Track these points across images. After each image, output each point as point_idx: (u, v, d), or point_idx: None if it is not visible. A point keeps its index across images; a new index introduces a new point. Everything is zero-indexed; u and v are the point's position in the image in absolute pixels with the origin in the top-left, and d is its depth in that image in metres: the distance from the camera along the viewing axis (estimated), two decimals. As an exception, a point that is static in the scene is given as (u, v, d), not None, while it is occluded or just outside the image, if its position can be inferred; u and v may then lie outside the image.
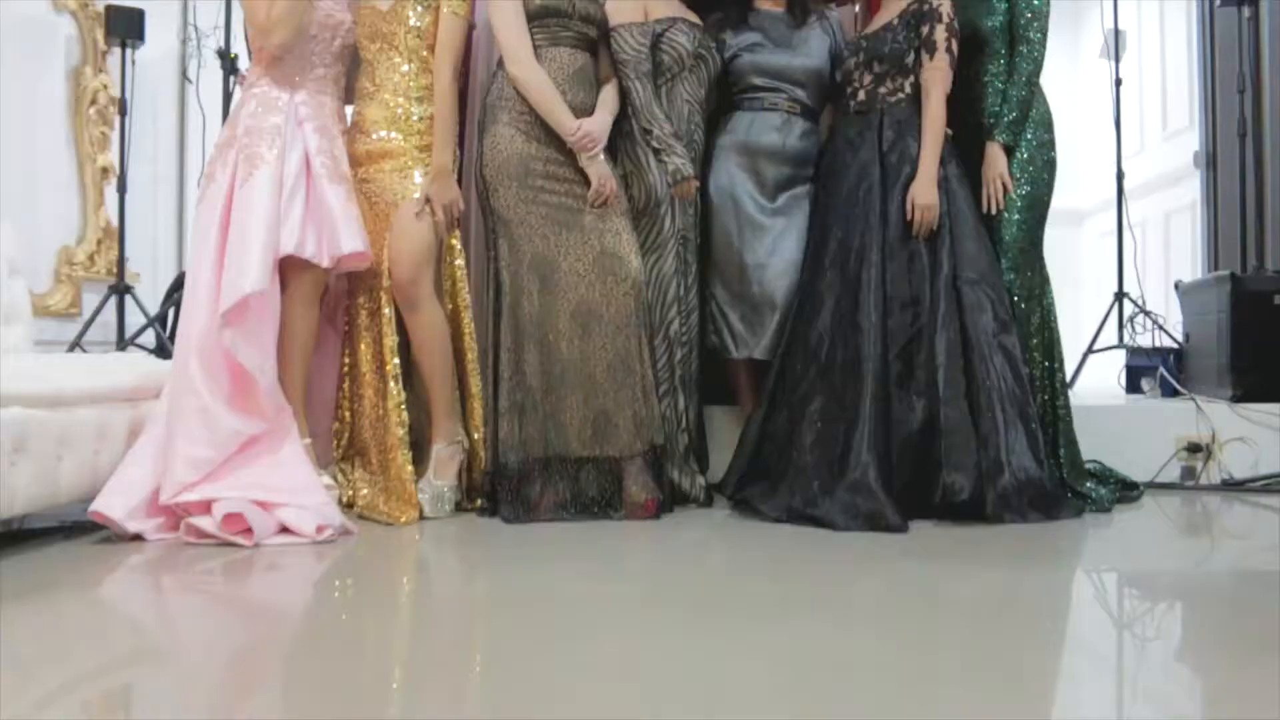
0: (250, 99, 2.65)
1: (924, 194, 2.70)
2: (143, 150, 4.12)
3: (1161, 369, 3.52)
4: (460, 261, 2.79)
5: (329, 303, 2.81)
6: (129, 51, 3.78)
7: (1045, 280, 2.86)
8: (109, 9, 3.77)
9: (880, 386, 2.58)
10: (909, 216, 2.71)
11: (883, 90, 2.84)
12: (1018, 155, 2.81)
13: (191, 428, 2.37)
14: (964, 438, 2.54)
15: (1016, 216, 2.80)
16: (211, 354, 2.43)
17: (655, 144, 2.76)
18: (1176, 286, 3.65)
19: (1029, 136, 2.82)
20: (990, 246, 2.76)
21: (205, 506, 2.33)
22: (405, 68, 2.73)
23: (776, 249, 2.87)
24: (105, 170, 3.91)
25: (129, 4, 3.83)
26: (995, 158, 2.81)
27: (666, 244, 2.82)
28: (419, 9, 2.71)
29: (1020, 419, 2.59)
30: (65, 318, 3.73)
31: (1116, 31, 4.01)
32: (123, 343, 3.65)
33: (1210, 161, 4.27)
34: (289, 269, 2.58)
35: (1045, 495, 2.57)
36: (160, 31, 4.02)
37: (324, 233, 2.60)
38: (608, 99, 2.80)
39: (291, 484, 2.42)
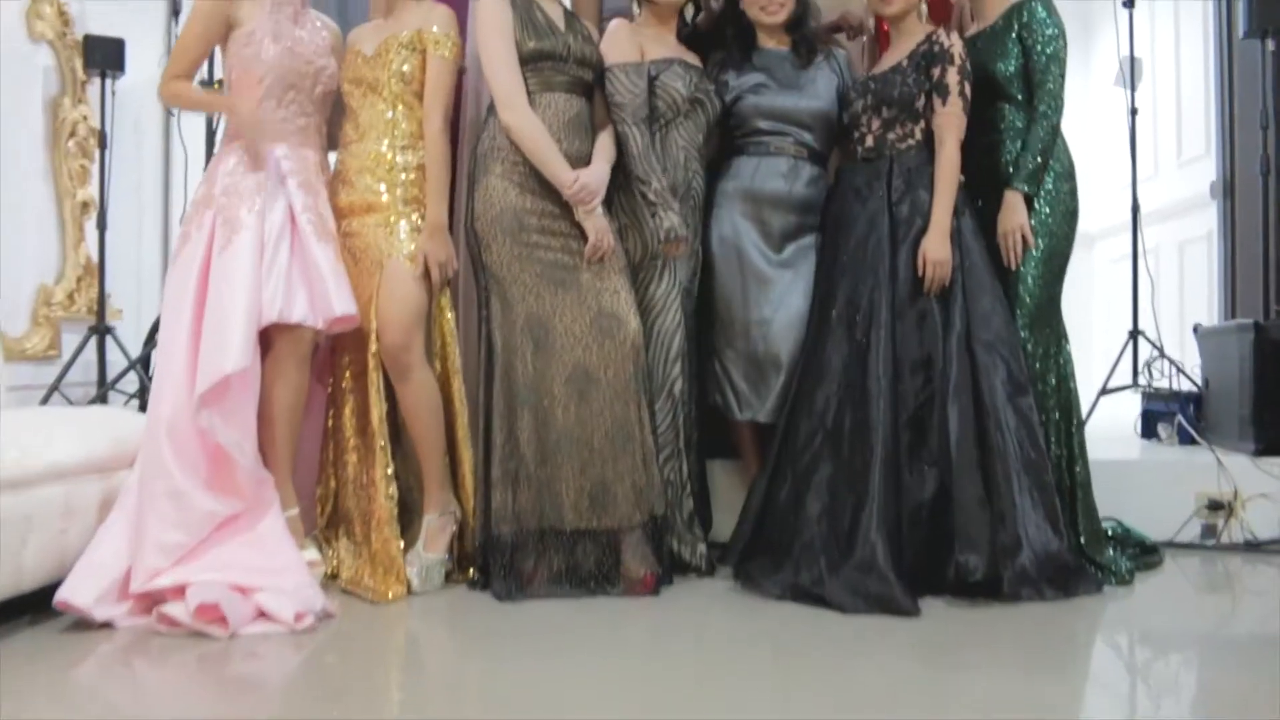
0: (229, 155, 2.52)
1: (936, 249, 2.57)
2: (125, 180, 3.97)
3: (1180, 417, 3.40)
4: (450, 315, 2.66)
5: (317, 359, 2.68)
6: (109, 82, 3.65)
7: (1062, 336, 2.72)
8: (87, 39, 3.64)
9: (890, 455, 2.45)
10: (920, 272, 2.58)
11: (892, 136, 2.71)
12: (1037, 206, 2.68)
13: (163, 510, 2.24)
14: (978, 513, 2.42)
15: (1034, 271, 2.67)
16: (186, 435, 2.31)
17: (652, 197, 2.62)
18: (1195, 330, 3.52)
19: (1049, 187, 2.68)
20: (1005, 302, 2.63)
21: (179, 591, 2.21)
22: (390, 114, 2.59)
23: (782, 303, 2.74)
24: (85, 204, 3.77)
25: (108, 33, 3.70)
26: (1015, 208, 2.66)
27: (668, 298, 2.68)
28: (405, 53, 2.57)
29: (1038, 488, 2.47)
30: (44, 361, 3.60)
31: (1132, 59, 3.87)
32: (103, 386, 3.53)
33: (1227, 192, 4.13)
34: (275, 331, 2.44)
35: (1064, 570, 2.44)
36: (143, 55, 3.88)
37: (315, 293, 2.46)
38: (604, 146, 2.66)
39: (270, 563, 2.30)
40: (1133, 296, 3.86)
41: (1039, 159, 2.66)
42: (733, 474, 3.00)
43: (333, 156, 2.71)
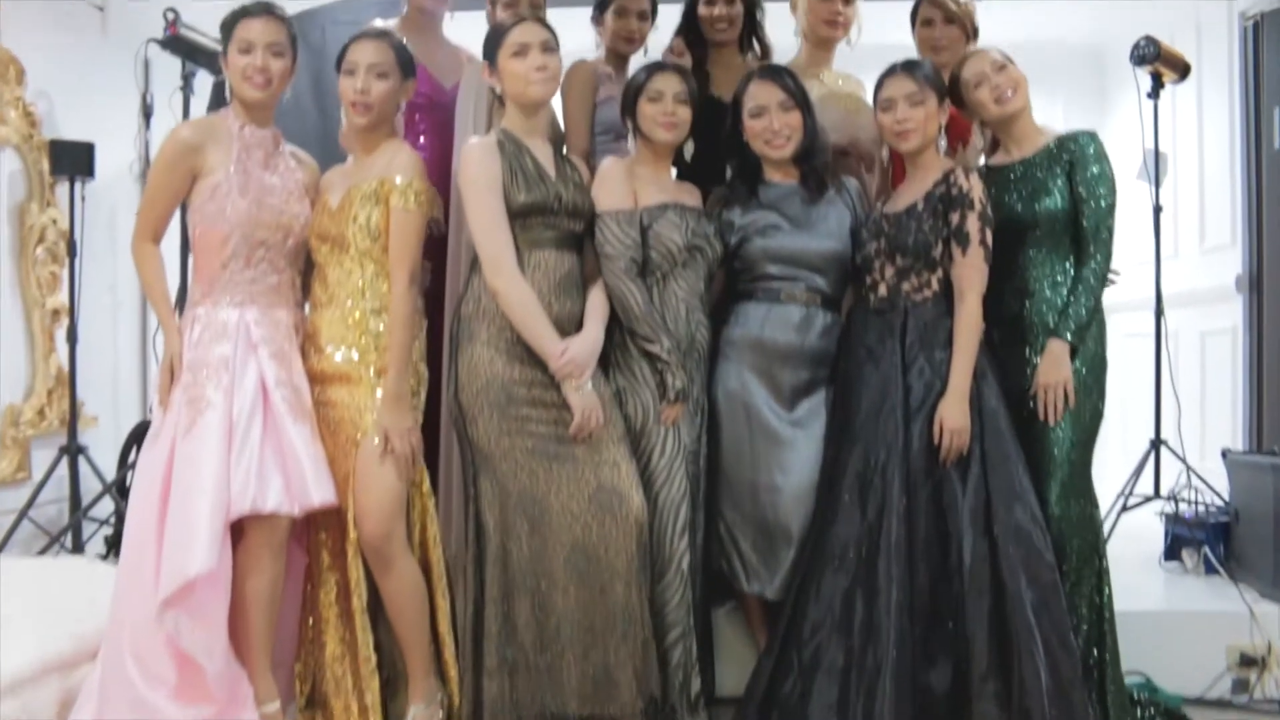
0: (193, 323, 2.33)
1: (954, 417, 2.40)
2: (99, 279, 3.79)
3: (1206, 548, 3.24)
4: (428, 488, 2.48)
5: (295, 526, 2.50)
6: (79, 186, 3.46)
7: (1093, 503, 2.54)
8: (54, 144, 3.45)
9: (901, 654, 2.29)
10: (936, 440, 2.40)
11: (906, 287, 2.53)
12: (1074, 364, 2.49)
13: (125, 721, 2.08)
14: (998, 714, 2.26)
15: (1071, 435, 2.48)
16: (150, 641, 2.14)
17: (664, 356, 2.44)
18: (1224, 455, 3.34)
19: (1085, 345, 2.51)
20: (1029, 473, 2.44)
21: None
22: (358, 274, 2.39)
23: (793, 467, 2.55)
24: (56, 312, 3.59)
25: (79, 127, 3.52)
26: (1060, 360, 2.47)
27: (672, 467, 2.48)
28: (368, 205, 2.36)
29: (1068, 685, 2.30)
30: (13, 485, 3.42)
31: (1157, 153, 3.68)
32: (76, 513, 3.36)
33: (1254, 286, 3.95)
34: (248, 519, 2.25)
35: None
36: (116, 149, 3.70)
37: (291, 478, 2.27)
38: (597, 306, 2.48)
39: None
40: (1155, 407, 3.69)
41: (1087, 312, 2.48)
42: (738, 624, 2.83)
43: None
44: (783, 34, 3.17)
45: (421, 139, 2.91)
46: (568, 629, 2.34)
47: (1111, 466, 3.80)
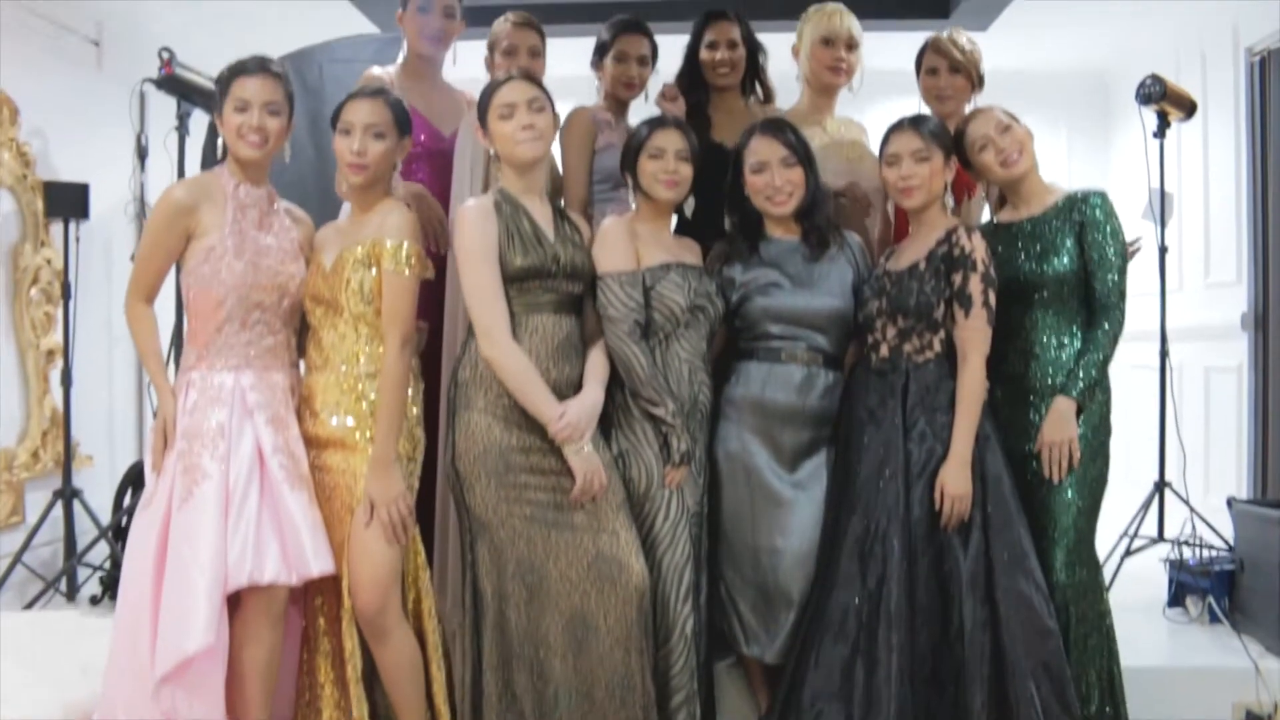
0: (188, 387, 2.29)
1: (955, 483, 2.37)
2: (95, 317, 3.76)
3: (1211, 598, 3.20)
4: (422, 558, 2.44)
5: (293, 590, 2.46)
6: (73, 227, 3.42)
7: (1098, 569, 2.51)
8: (48, 186, 3.40)
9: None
10: (937, 506, 2.37)
11: (908, 348, 2.49)
12: (1080, 429, 2.45)
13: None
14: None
15: (1075, 498, 2.45)
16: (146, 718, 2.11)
17: (669, 420, 2.41)
18: (1230, 504, 3.31)
19: (1090, 409, 2.47)
20: (1031, 540, 2.41)
21: None
22: (352, 338, 2.35)
23: (793, 529, 2.51)
24: (51, 353, 3.55)
25: (74, 165, 3.48)
26: (1066, 419, 2.43)
27: (676, 530, 2.45)
28: (360, 269, 2.32)
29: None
30: (6, 529, 3.39)
31: (1163, 193, 3.65)
32: (70, 558, 3.33)
33: (1259, 324, 3.92)
34: (245, 590, 2.21)
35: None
36: (110, 183, 3.66)
37: (289, 548, 2.23)
38: (597, 367, 2.44)
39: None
40: (1159, 449, 3.66)
41: (1097, 371, 2.45)
42: (739, 680, 2.80)
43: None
44: (785, 64, 3.12)
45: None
46: (566, 697, 2.31)
47: (1114, 501, 3.77)
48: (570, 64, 3.32)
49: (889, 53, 3.61)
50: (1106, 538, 2.72)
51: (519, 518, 2.33)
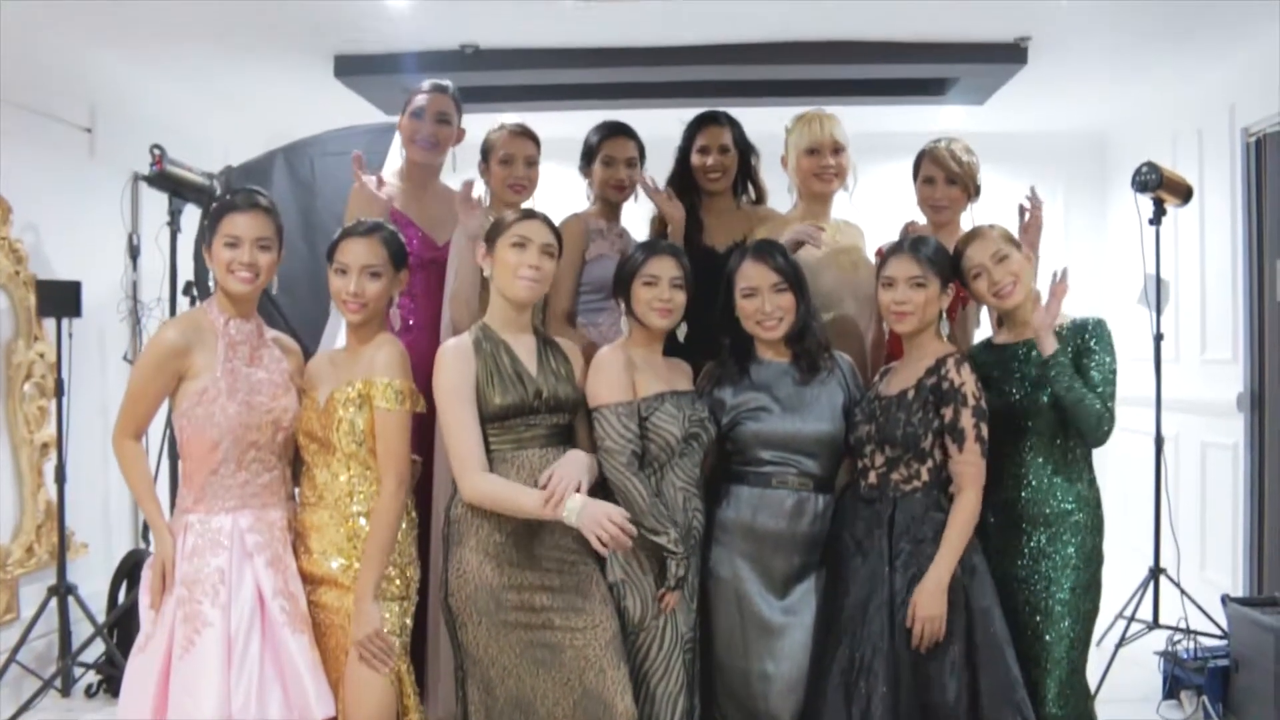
0: (186, 530, 2.28)
1: (926, 604, 2.35)
2: (89, 404, 3.75)
3: (1205, 698, 3.21)
4: (411, 689, 2.44)
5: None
6: (65, 324, 3.41)
7: (1089, 695, 2.51)
8: (40, 284, 3.40)
9: None
10: (908, 624, 2.36)
11: (895, 477, 2.48)
12: (1073, 560, 2.45)
13: None
14: None
15: (1068, 630, 2.44)
16: None
17: (671, 547, 2.40)
18: (1224, 602, 3.31)
19: (1082, 540, 2.46)
20: (1018, 665, 2.40)
21: None
22: (344, 477, 2.36)
23: (784, 655, 2.51)
24: (45, 446, 3.54)
25: (66, 259, 3.48)
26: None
27: (670, 659, 2.44)
28: (352, 409, 2.32)
29: None
30: (1, 626, 3.39)
31: (1159, 280, 3.64)
32: (65, 657, 3.33)
33: (1255, 404, 3.91)
34: None
35: None
36: (103, 272, 3.66)
37: (290, 691, 2.23)
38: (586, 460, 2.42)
39: None
40: (1154, 536, 3.65)
41: (1066, 390, 2.40)
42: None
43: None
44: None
45: (412, 303, 2.87)
46: (555, 833, 2.32)
47: (1110, 577, 3.76)
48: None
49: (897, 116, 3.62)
50: (1101, 620, 2.71)
51: (510, 655, 2.33)
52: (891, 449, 2.47)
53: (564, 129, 3.50)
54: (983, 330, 3.00)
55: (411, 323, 2.87)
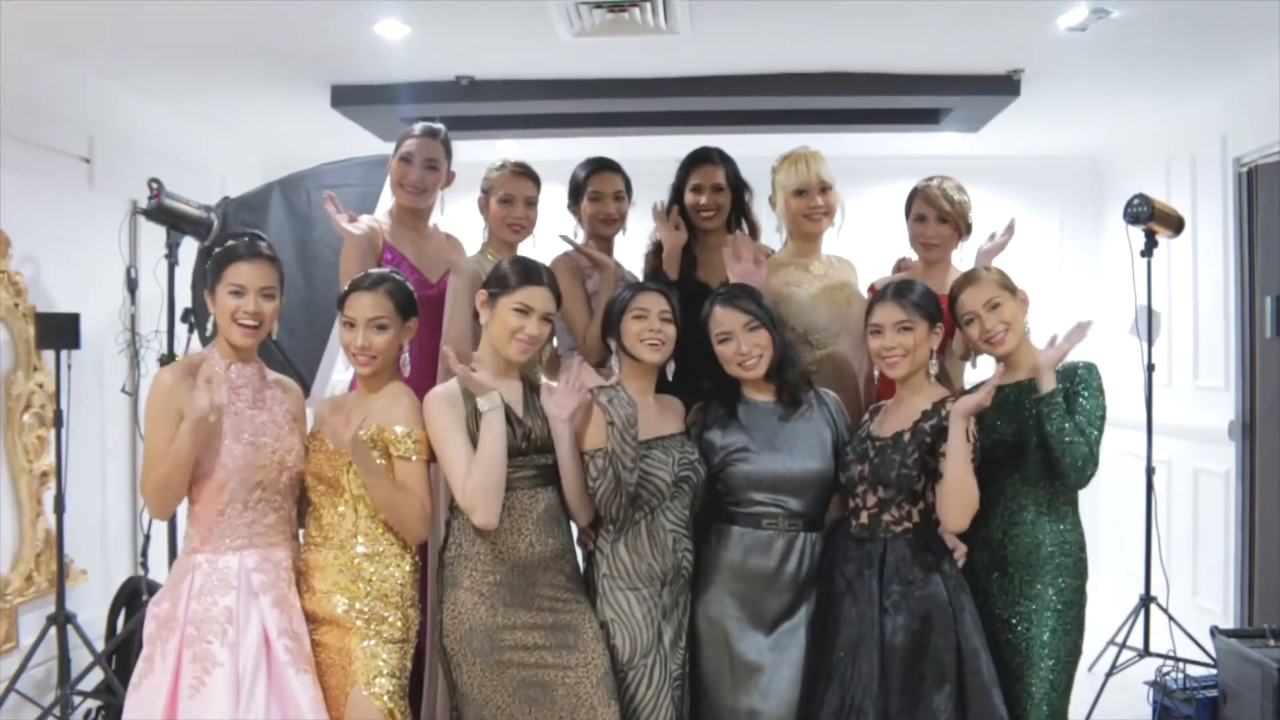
0: (193, 570, 2.30)
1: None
2: (88, 430, 3.78)
3: (1195, 730, 3.23)
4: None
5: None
6: (64, 356, 3.43)
7: (1071, 729, 2.54)
8: (39, 317, 3.42)
9: None
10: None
11: (887, 518, 2.51)
12: (1053, 602, 2.47)
13: None
14: None
15: (1049, 673, 2.46)
16: None
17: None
18: (1213, 634, 3.33)
19: (1064, 585, 2.48)
20: (1004, 705, 2.43)
21: None
22: (351, 517, 2.39)
23: (772, 690, 2.53)
24: (44, 475, 3.57)
25: (64, 292, 3.50)
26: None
27: (659, 695, 2.48)
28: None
29: None
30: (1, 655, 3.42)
31: (1150, 311, 3.66)
32: (64, 685, 3.35)
33: (1247, 433, 3.93)
34: None
35: None
36: (102, 302, 3.68)
37: None
38: None
39: None
40: (1145, 565, 3.68)
41: (1057, 428, 2.42)
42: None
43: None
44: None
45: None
46: None
47: (1101, 602, 3.79)
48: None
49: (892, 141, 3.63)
50: (1092, 646, 2.73)
51: (503, 694, 2.37)
52: (885, 490, 2.49)
53: (562, 152, 3.53)
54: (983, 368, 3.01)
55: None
